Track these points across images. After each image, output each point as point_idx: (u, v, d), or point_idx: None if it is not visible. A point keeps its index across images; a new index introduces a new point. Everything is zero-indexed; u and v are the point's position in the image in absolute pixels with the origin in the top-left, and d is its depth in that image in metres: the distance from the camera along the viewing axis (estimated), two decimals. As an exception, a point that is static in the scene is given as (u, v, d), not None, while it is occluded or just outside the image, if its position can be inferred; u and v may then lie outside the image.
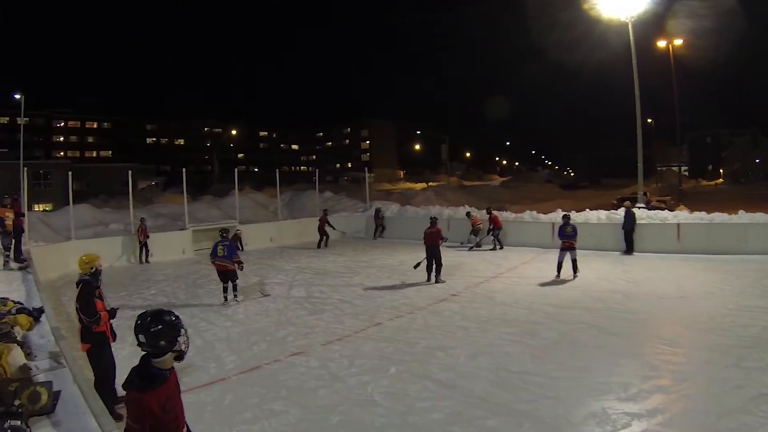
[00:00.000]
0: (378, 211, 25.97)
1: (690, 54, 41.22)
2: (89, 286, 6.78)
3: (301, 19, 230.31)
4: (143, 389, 3.33)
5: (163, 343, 3.39)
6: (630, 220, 17.73)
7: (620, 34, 23.20)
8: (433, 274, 14.35)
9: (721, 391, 6.52)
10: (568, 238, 14.69)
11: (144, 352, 3.44)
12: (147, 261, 19.87)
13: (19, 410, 4.82)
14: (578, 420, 5.97)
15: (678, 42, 35.56)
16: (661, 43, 35.12)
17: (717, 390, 6.56)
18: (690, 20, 33.75)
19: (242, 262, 12.99)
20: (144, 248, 20.03)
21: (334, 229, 23.64)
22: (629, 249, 17.57)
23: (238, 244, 21.49)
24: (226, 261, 12.60)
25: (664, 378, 7.04)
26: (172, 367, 3.55)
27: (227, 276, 12.75)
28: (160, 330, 3.39)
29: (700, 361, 7.61)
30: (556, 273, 14.42)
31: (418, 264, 14.73)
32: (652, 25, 25.34)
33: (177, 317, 3.53)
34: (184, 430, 3.66)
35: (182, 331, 3.50)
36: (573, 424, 5.91)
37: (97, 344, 6.74)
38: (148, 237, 20.07)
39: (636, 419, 5.88)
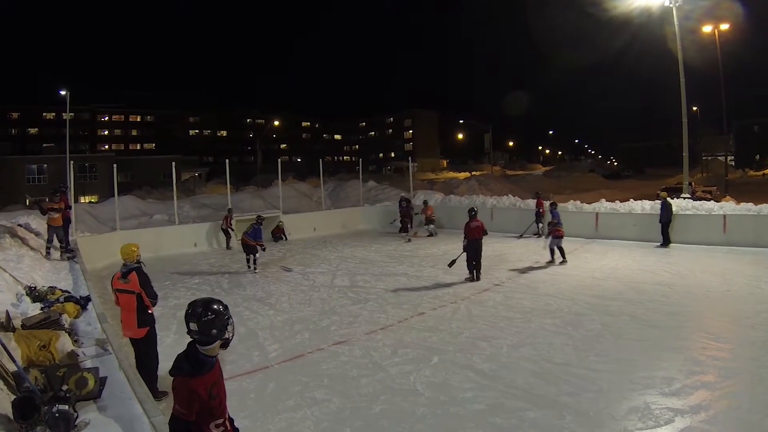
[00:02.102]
0: (402, 200, 24.36)
1: (737, 39, 40.08)
2: (142, 271, 6.96)
3: (346, 7, 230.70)
4: (192, 375, 3.45)
5: (214, 331, 3.50)
6: (667, 212, 17.21)
7: (665, 19, 22.77)
8: (475, 272, 13.60)
9: (767, 390, 6.41)
10: (561, 227, 15.44)
11: (191, 340, 3.55)
12: (228, 247, 20.55)
13: (67, 395, 4.96)
14: (621, 414, 5.93)
15: (724, 27, 34.54)
16: (707, 29, 34.14)
17: (763, 388, 6.44)
18: (737, 3, 32.86)
19: (264, 246, 16.01)
20: (227, 235, 20.70)
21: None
22: (665, 241, 17.15)
23: (282, 235, 21.84)
24: (249, 238, 15.61)
25: (708, 374, 6.93)
26: (216, 355, 3.66)
27: (248, 249, 15.71)
28: (212, 319, 3.50)
29: (745, 357, 7.47)
30: (561, 259, 15.23)
31: (453, 262, 14.14)
32: (698, 9, 24.61)
33: (226, 306, 3.63)
34: (227, 415, 3.73)
35: (230, 320, 3.62)
36: (615, 418, 5.87)
37: (152, 326, 6.98)
38: (231, 225, 20.66)
39: (679, 415, 5.82)
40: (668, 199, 17.52)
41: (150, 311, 6.92)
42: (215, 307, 3.56)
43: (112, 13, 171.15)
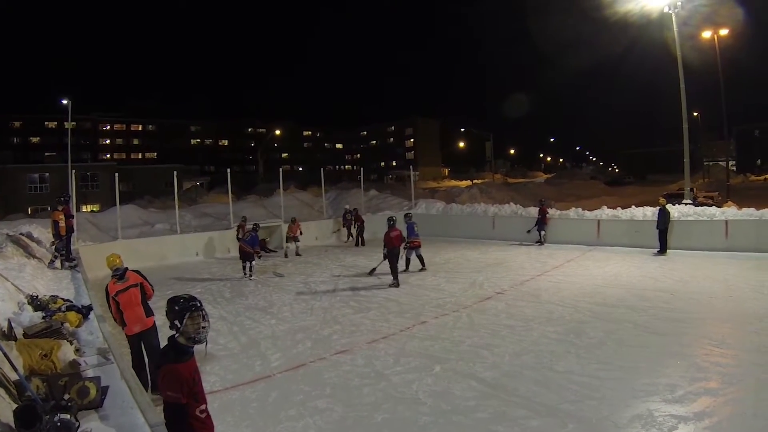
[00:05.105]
0: (347, 212, 24.51)
1: (737, 44, 40.17)
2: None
3: (346, 17, 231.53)
4: (176, 361, 3.90)
5: (177, 322, 3.98)
6: (664, 219, 17.09)
7: (665, 25, 22.82)
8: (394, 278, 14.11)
9: (771, 395, 6.37)
10: (418, 237, 16.28)
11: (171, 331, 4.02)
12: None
13: (69, 404, 4.97)
14: (623, 422, 5.91)
15: (724, 32, 34.56)
16: (706, 34, 34.17)
17: (767, 394, 6.40)
18: (736, 9, 32.93)
19: (259, 253, 17.11)
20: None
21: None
22: (662, 248, 17.00)
23: (267, 248, 21.62)
24: (247, 245, 16.24)
25: (711, 380, 6.89)
26: (192, 353, 4.09)
27: (245, 256, 16.14)
28: (167, 311, 4.06)
29: (749, 363, 7.42)
30: (405, 269, 15.74)
31: (374, 270, 15.46)
32: (697, 14, 24.67)
33: (190, 304, 4.05)
34: (206, 406, 4.07)
35: (186, 313, 3.99)
36: (618, 425, 5.84)
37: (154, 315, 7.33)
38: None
39: (683, 422, 5.78)
40: (666, 205, 17.43)
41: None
42: (176, 302, 4.06)
43: (114, 22, 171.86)
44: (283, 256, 20.25)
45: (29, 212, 41.47)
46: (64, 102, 29.92)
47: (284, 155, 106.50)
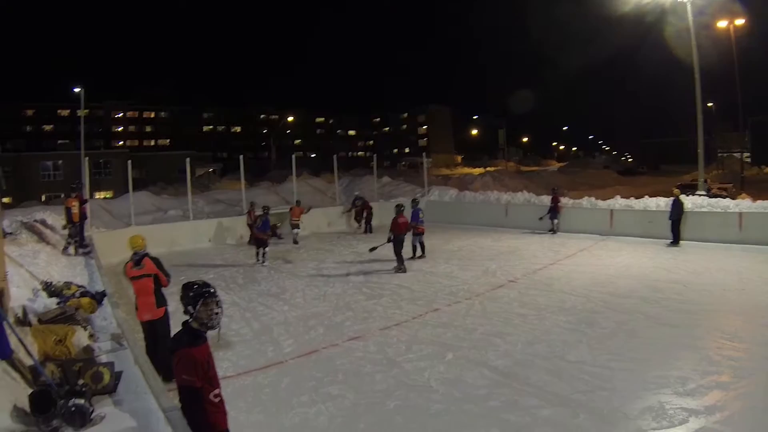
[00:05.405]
0: (356, 199, 24.63)
1: (753, 35, 39.63)
2: (152, 255, 7.54)
3: (346, 17, 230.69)
4: (191, 345, 3.95)
5: (189, 308, 4.04)
6: (677, 210, 16.88)
7: (679, 15, 22.55)
8: (400, 263, 14.44)
9: (783, 390, 6.32)
10: (422, 224, 16.10)
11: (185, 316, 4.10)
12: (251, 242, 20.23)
13: (83, 389, 5.01)
14: (634, 413, 5.91)
15: (739, 22, 34.05)
16: (722, 24, 33.66)
17: (779, 388, 6.36)
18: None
19: (270, 237, 16.79)
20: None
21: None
22: (675, 240, 16.80)
23: (276, 234, 21.54)
24: (260, 231, 16.19)
25: (724, 374, 6.86)
26: (206, 338, 4.14)
27: (259, 243, 16.29)
28: (181, 296, 4.10)
29: (761, 357, 7.37)
30: (413, 255, 15.91)
31: (375, 248, 15.34)
32: (712, 4, 24.34)
33: (202, 290, 4.10)
34: (219, 390, 4.13)
35: (200, 299, 4.04)
36: (629, 417, 5.85)
37: (167, 305, 7.44)
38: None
39: (693, 415, 5.78)
40: (680, 196, 17.24)
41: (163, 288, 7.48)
42: (190, 288, 4.13)
43: (126, 9, 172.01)
44: (293, 243, 20.17)
45: (43, 199, 41.86)
46: (77, 90, 30.14)
47: (297, 142, 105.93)
